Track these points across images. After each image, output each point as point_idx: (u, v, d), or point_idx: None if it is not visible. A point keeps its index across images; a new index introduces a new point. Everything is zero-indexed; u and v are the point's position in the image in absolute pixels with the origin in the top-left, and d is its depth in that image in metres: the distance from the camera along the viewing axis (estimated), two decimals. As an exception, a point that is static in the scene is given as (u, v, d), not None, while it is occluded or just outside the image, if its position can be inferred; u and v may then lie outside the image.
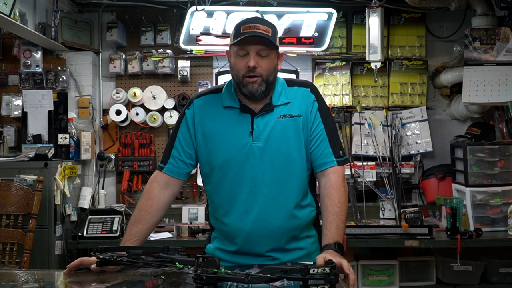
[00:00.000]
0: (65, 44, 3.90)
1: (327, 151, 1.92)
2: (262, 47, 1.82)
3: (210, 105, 1.94)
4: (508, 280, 3.55)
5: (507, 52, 3.59)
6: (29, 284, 1.73)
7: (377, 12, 3.75)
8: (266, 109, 1.90)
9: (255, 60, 1.81)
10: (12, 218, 3.14)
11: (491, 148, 3.60)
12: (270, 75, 1.86)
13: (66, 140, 3.74)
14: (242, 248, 1.89)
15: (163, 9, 4.08)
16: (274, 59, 1.87)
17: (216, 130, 1.90)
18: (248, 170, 1.85)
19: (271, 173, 1.86)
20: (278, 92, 1.93)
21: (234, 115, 1.90)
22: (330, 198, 1.87)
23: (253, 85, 1.83)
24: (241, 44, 1.81)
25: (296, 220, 1.89)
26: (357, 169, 3.96)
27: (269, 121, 1.88)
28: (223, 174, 1.88)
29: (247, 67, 1.82)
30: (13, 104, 3.96)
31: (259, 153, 1.86)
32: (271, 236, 1.87)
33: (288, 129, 1.89)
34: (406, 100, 4.09)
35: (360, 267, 3.63)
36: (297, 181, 1.90)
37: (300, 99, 1.94)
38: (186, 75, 4.06)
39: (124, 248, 1.74)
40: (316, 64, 4.13)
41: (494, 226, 3.53)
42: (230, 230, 1.90)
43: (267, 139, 1.86)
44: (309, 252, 1.94)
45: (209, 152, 1.91)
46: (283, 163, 1.87)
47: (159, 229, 3.69)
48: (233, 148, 1.87)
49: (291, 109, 1.91)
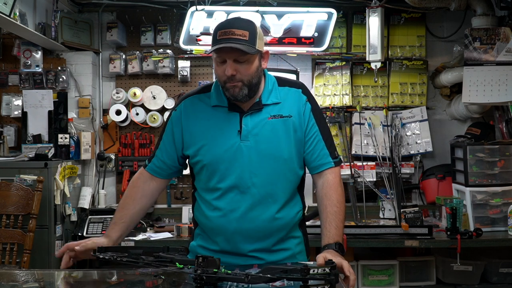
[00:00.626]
0: (65, 44, 3.90)
1: (324, 152, 1.91)
2: (239, 53, 1.76)
3: (199, 105, 1.93)
4: (508, 280, 3.55)
5: (507, 52, 3.59)
6: (29, 284, 1.73)
7: (377, 12, 3.75)
8: (255, 108, 1.88)
9: (232, 68, 1.77)
10: (12, 218, 3.14)
11: (491, 148, 3.60)
12: (253, 78, 1.82)
13: (66, 140, 3.74)
14: (224, 247, 1.87)
15: (163, 9, 4.08)
16: (254, 61, 1.81)
17: (205, 128, 1.89)
18: (236, 169, 1.84)
19: (259, 172, 1.84)
20: (268, 90, 1.91)
21: (222, 113, 1.89)
22: (328, 198, 1.87)
23: (234, 89, 1.81)
24: (218, 52, 1.77)
25: (282, 221, 1.88)
26: (357, 169, 3.96)
27: (258, 121, 1.87)
28: (212, 173, 1.87)
29: (226, 75, 1.79)
30: (13, 104, 3.96)
31: (248, 152, 1.84)
32: (256, 236, 1.85)
33: (278, 130, 1.87)
34: (406, 100, 4.09)
35: (360, 267, 3.63)
36: (286, 182, 1.89)
37: (291, 99, 1.91)
38: (186, 75, 4.06)
39: (124, 248, 1.75)
40: (316, 64, 4.13)
41: (494, 226, 3.53)
42: (214, 227, 1.88)
43: (256, 138, 1.85)
44: (294, 253, 1.92)
45: (197, 151, 1.89)
46: (272, 163, 1.85)
47: (159, 229, 3.69)
48: (222, 147, 1.85)
49: (281, 109, 1.89)
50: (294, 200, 1.93)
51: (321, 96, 4.07)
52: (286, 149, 1.88)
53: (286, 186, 1.89)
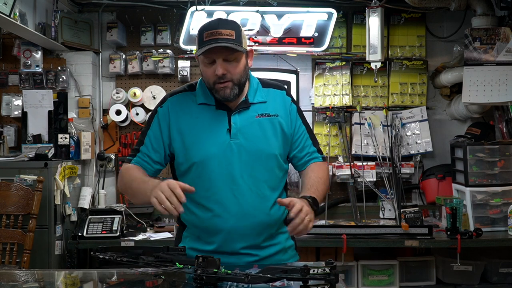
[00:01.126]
0: (65, 44, 3.90)
1: (312, 149, 2.01)
2: (228, 52, 1.78)
3: (185, 103, 1.93)
4: (508, 280, 3.55)
5: (507, 52, 3.59)
6: (29, 284, 1.73)
7: (377, 12, 3.75)
8: (242, 106, 1.90)
9: (222, 67, 1.79)
10: (12, 218, 3.14)
11: (491, 148, 3.60)
12: (242, 77, 1.85)
13: (66, 140, 3.74)
14: (220, 247, 1.86)
15: (163, 9, 4.08)
16: (242, 60, 1.84)
17: (193, 126, 1.88)
18: (227, 167, 1.85)
19: (250, 170, 1.86)
20: (254, 89, 1.94)
21: (210, 112, 1.90)
22: (313, 171, 1.96)
23: (225, 90, 1.82)
24: (207, 52, 1.78)
25: (274, 217, 1.90)
26: (357, 169, 3.96)
27: (247, 119, 1.89)
28: (202, 171, 1.86)
29: (215, 75, 1.80)
30: (13, 104, 3.96)
31: (238, 150, 1.85)
32: (250, 233, 1.86)
33: (266, 128, 1.90)
34: (406, 100, 4.09)
35: (360, 267, 3.63)
36: (275, 179, 1.92)
37: (276, 100, 1.97)
38: (186, 75, 4.06)
39: (124, 248, 1.75)
40: (316, 64, 4.13)
41: (494, 226, 3.53)
42: (207, 227, 1.87)
43: (245, 136, 1.87)
44: (284, 247, 1.96)
45: (186, 149, 1.88)
46: (262, 160, 1.88)
47: (159, 229, 3.69)
48: (212, 145, 1.85)
49: (267, 108, 1.93)
50: (282, 196, 1.95)
51: (321, 96, 4.07)
52: (276, 146, 1.91)
53: (276, 183, 1.93)
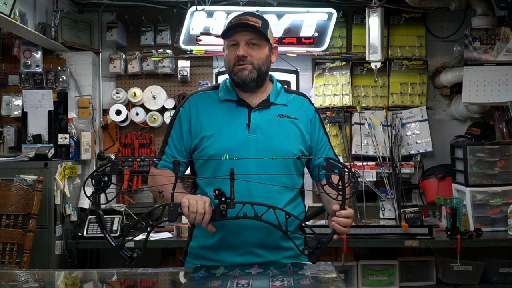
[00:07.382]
0: (65, 44, 3.90)
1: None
2: (252, 36, 1.85)
3: (207, 101, 1.95)
4: (508, 280, 3.55)
5: (507, 52, 3.59)
6: (29, 284, 1.72)
7: (377, 12, 3.75)
8: (263, 104, 1.92)
9: (244, 49, 1.85)
10: (12, 218, 3.14)
11: (491, 148, 3.60)
12: (262, 65, 1.89)
13: (66, 140, 3.74)
14: (225, 240, 1.83)
15: (163, 9, 4.08)
16: (265, 49, 1.89)
17: (213, 122, 1.90)
18: (243, 161, 1.82)
19: (266, 166, 1.84)
20: (276, 92, 1.96)
21: (231, 108, 1.92)
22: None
23: (244, 72, 1.86)
24: (231, 35, 1.86)
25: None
26: (357, 169, 3.96)
27: (267, 117, 1.90)
28: (218, 165, 1.86)
29: (236, 57, 1.85)
30: (13, 104, 3.97)
31: (255, 146, 1.85)
32: (261, 229, 1.80)
33: (285, 127, 1.90)
34: (406, 100, 4.09)
35: (360, 267, 3.63)
36: (291, 179, 1.90)
37: (298, 105, 1.98)
38: (186, 75, 4.06)
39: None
40: (316, 64, 4.13)
41: (494, 226, 3.53)
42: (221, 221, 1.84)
43: (263, 133, 1.87)
44: (297, 254, 1.87)
45: (205, 140, 1.89)
46: (279, 159, 1.85)
47: (159, 229, 3.69)
48: (230, 139, 1.86)
49: (288, 110, 1.94)
50: (297, 200, 1.94)
51: (321, 96, 4.07)
52: (294, 146, 1.90)
53: (292, 183, 1.90)
